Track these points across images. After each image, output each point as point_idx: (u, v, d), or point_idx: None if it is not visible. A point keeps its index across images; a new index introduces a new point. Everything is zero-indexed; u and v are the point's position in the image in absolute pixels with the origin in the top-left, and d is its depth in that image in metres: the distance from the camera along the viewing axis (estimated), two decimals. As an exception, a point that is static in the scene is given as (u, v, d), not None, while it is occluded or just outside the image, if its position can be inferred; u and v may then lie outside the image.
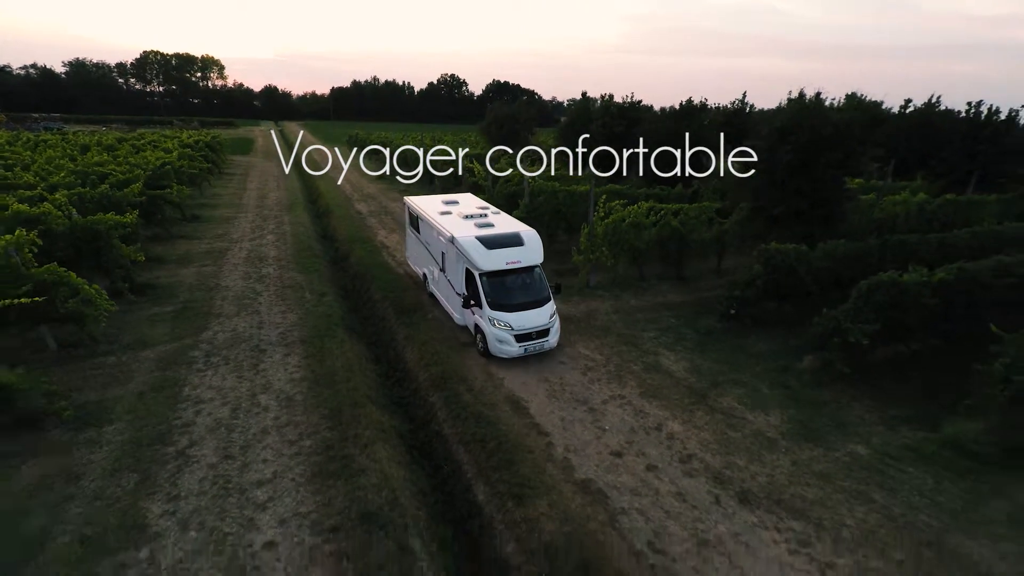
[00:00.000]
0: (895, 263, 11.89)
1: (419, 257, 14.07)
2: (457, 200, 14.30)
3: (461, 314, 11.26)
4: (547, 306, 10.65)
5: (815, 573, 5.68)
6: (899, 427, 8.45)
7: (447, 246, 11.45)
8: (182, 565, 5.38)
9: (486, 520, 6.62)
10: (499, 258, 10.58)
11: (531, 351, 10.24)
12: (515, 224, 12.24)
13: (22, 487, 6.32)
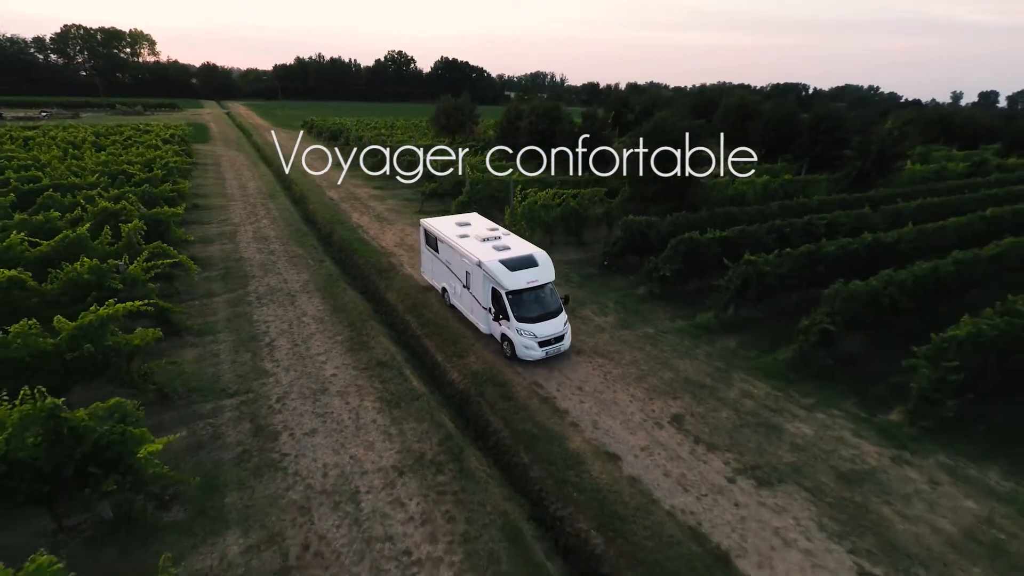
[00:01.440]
0: (722, 227, 18.37)
1: (437, 273, 15.66)
2: (469, 222, 15.96)
3: (487, 325, 13.24)
4: (561, 315, 12.77)
5: (604, 376, 11.93)
6: (676, 320, 14.97)
7: (473, 268, 13.23)
8: (291, 384, 10.98)
9: (441, 366, 12.53)
10: (521, 278, 12.58)
11: (550, 354, 12.35)
12: (526, 246, 14.12)
13: (191, 360, 11.59)
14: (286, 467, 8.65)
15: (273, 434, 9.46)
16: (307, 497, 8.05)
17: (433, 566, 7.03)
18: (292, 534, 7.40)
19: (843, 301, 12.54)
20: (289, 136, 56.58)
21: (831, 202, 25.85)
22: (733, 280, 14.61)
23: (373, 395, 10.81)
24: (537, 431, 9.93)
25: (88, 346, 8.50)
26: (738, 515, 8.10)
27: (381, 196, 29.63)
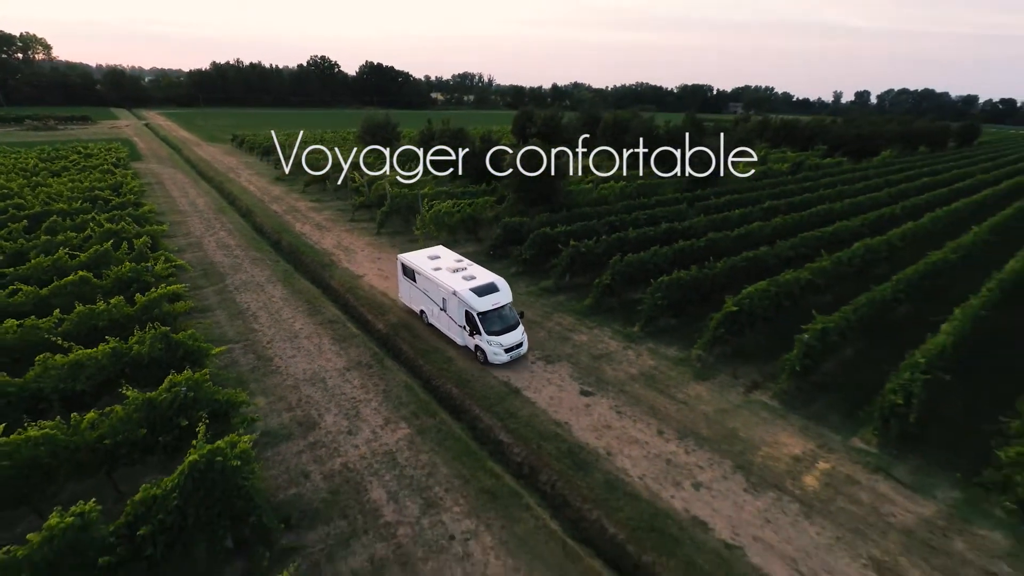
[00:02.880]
0: (570, 223, 26.34)
1: (415, 298, 18.80)
2: (438, 255, 19.29)
3: (463, 339, 16.58)
4: (519, 328, 16.38)
5: (473, 319, 19.26)
6: (530, 287, 22.59)
7: (448, 295, 16.51)
8: (274, 335, 17.41)
9: (371, 321, 19.36)
10: (488, 302, 16.03)
11: (513, 357, 15.95)
12: (488, 274, 17.63)
13: (207, 325, 17.58)
14: (281, 371, 15.26)
15: (269, 358, 15.97)
16: (296, 382, 14.75)
17: (367, 403, 14.02)
18: (291, 396, 14.10)
19: (621, 267, 20.75)
20: (224, 152, 59.73)
21: (665, 200, 35.03)
22: (564, 259, 22.56)
23: (328, 336, 17.53)
24: (428, 348, 17.09)
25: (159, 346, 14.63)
26: (531, 374, 15.68)
27: (318, 208, 35.48)
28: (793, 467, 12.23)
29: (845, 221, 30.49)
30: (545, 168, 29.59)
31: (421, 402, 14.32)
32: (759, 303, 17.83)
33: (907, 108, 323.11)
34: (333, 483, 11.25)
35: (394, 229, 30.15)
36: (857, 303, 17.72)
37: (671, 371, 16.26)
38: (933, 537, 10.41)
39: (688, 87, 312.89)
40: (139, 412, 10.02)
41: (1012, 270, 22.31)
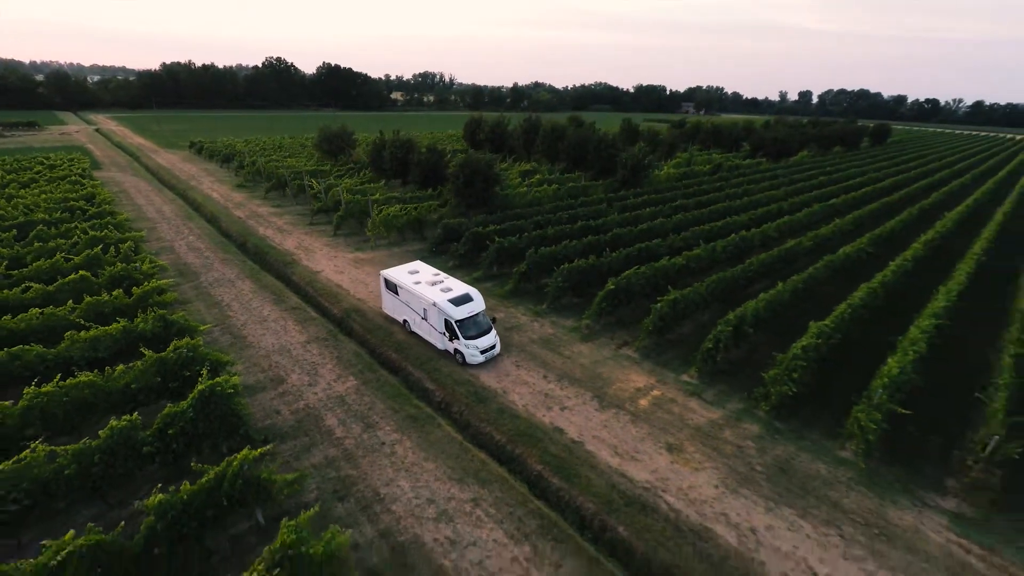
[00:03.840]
0: (512, 222, 31.01)
1: (398, 309, 20.83)
2: (417, 269, 21.16)
3: (443, 344, 18.66)
4: (492, 332, 18.73)
5: (413, 303, 23.66)
6: (465, 278, 27.16)
7: (429, 306, 18.58)
8: (246, 320, 21.32)
9: (328, 308, 23.47)
10: (464, 310, 18.16)
11: (488, 357, 18.30)
12: (462, 285, 19.63)
13: (188, 313, 21.26)
14: (254, 345, 19.27)
15: (243, 336, 19.93)
16: (267, 352, 18.81)
17: (323, 365, 18.25)
18: (263, 362, 18.18)
19: (536, 258, 25.55)
20: (183, 159, 61.52)
21: (589, 201, 40.17)
22: (491, 252, 27.21)
23: (291, 319, 21.59)
24: (374, 326, 21.38)
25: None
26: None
27: (279, 213, 38.91)
28: (634, 395, 17.24)
29: (735, 216, 36.45)
30: (482, 174, 34.20)
31: (366, 363, 18.66)
32: (636, 283, 22.99)
33: (845, 107, 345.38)
34: (298, 417, 15.50)
35: (349, 231, 34.10)
36: (709, 280, 23.13)
37: (564, 336, 21.13)
38: (712, 430, 15.57)
39: (643, 87, 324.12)
40: (154, 367, 14.01)
41: (844, 254, 28.40)
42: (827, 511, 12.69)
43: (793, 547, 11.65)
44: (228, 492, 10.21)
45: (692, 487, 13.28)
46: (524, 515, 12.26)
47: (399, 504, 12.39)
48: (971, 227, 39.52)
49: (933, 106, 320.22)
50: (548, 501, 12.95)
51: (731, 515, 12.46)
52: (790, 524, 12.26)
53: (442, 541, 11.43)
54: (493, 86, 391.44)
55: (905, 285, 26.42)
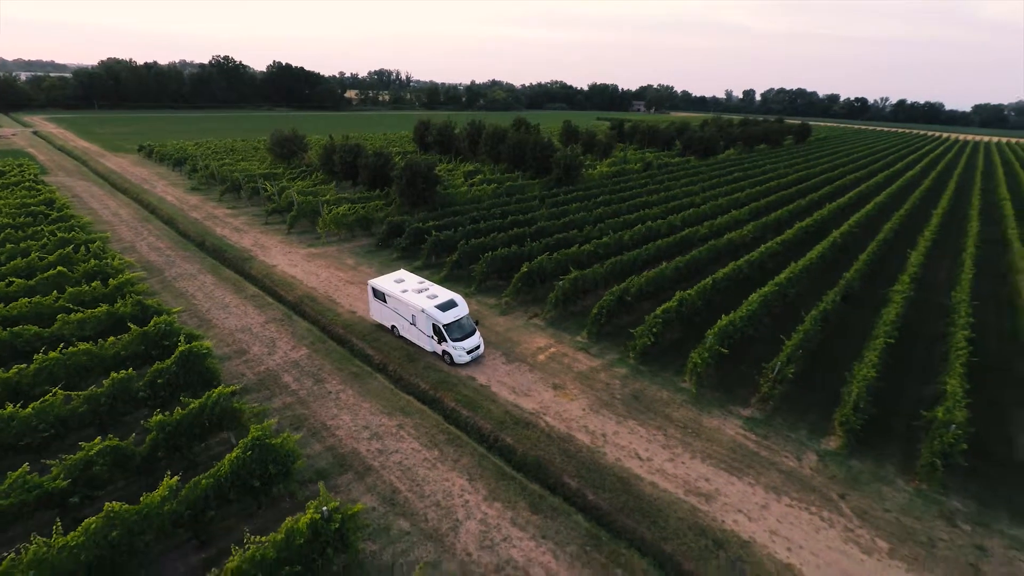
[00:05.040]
0: (451, 218, 35.05)
1: (386, 316, 22.19)
2: (402, 278, 22.56)
3: (431, 347, 20.27)
4: (477, 334, 20.40)
5: (355, 279, 27.43)
6: (407, 265, 31.12)
7: (417, 312, 20.07)
8: (209, 307, 24.58)
9: (284, 296, 26.96)
10: (450, 315, 19.78)
11: (474, 357, 19.99)
12: (447, 292, 21.24)
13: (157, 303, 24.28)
14: (219, 326, 22.67)
15: (209, 320, 23.26)
16: (231, 331, 22.27)
17: (280, 338, 21.90)
18: (228, 339, 21.65)
19: (467, 248, 29.78)
20: (133, 163, 62.15)
21: (525, 198, 44.69)
22: (429, 244, 31.27)
23: (251, 305, 25.02)
24: (325, 308, 25.07)
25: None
26: (392, 318, 24.23)
27: (234, 214, 41.53)
28: (535, 352, 21.77)
29: (649, 209, 41.85)
30: (423, 176, 38.12)
31: (317, 336, 22.45)
32: (548, 266, 27.62)
33: (784, 105, 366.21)
34: (260, 377, 19.19)
35: (302, 229, 37.32)
36: (608, 262, 28.02)
37: (486, 311, 25.48)
38: (591, 374, 20.28)
39: (596, 86, 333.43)
40: (138, 338, 17.42)
41: (727, 239, 34.01)
42: (660, 421, 17.57)
43: (628, 442, 16.41)
44: (209, 416, 13.98)
45: (566, 411, 17.89)
46: (437, 433, 16.53)
47: (341, 430, 16.41)
48: (848, 215, 46.45)
49: (862, 104, 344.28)
50: (457, 425, 17.25)
51: (590, 427, 17.12)
52: (631, 430, 17.04)
53: (373, 451, 15.55)
54: (451, 83, 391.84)
55: (771, 262, 32.23)
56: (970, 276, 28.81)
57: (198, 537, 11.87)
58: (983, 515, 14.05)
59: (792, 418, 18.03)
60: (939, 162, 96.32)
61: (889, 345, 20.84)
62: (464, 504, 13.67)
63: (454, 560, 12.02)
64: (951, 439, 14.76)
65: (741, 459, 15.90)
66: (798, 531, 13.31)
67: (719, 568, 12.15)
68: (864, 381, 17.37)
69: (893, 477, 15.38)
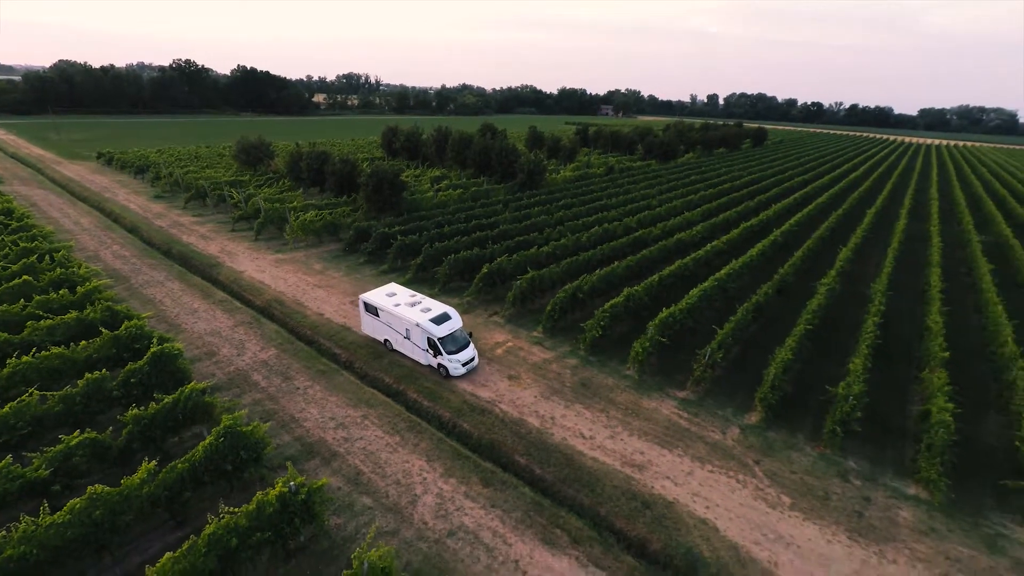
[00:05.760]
0: (417, 223, 36.32)
1: (378, 330, 22.18)
2: (394, 292, 22.69)
3: (427, 360, 20.50)
4: (471, 346, 20.57)
5: (332, 288, 28.47)
6: (374, 271, 32.27)
7: (412, 326, 20.20)
8: (178, 312, 25.28)
9: (252, 300, 27.82)
10: (445, 328, 20.03)
11: (468, 369, 20.27)
12: (440, 305, 21.46)
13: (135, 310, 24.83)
14: (188, 330, 23.45)
15: (178, 324, 24.00)
16: (200, 334, 23.09)
17: (249, 340, 22.87)
18: (198, 342, 22.49)
19: (432, 251, 31.18)
20: (91, 171, 61.02)
21: (489, 203, 46.32)
22: (394, 249, 32.54)
23: (219, 310, 25.82)
24: (292, 311, 26.08)
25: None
26: (358, 318, 25.43)
27: (200, 222, 41.78)
28: (494, 347, 23.35)
29: (607, 212, 44.06)
30: (389, 182, 39.33)
31: (285, 338, 23.50)
32: (507, 267, 29.29)
33: (746, 109, 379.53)
34: (230, 376, 20.18)
35: (270, 235, 38.00)
36: (564, 262, 29.89)
37: (449, 310, 26.93)
38: (544, 365, 21.98)
39: (566, 91, 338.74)
40: (110, 341, 18.23)
41: (677, 239, 36.41)
42: (604, 404, 19.40)
43: (574, 424, 18.15)
44: (182, 410, 15.05)
45: (519, 399, 19.53)
46: (399, 422, 17.93)
47: (309, 422, 17.64)
48: (792, 214, 49.78)
49: (818, 109, 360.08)
50: (418, 414, 18.68)
51: (540, 411, 18.81)
52: (577, 413, 18.80)
53: (339, 439, 16.85)
54: (421, 87, 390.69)
55: (717, 259, 34.73)
56: (889, 270, 31.85)
57: (174, 517, 12.98)
58: (872, 472, 16.34)
59: (722, 398, 20.14)
60: (882, 164, 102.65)
61: (810, 332, 23.28)
62: (422, 481, 15.14)
63: (412, 528, 13.48)
64: (848, 409, 17.06)
65: (673, 434, 17.84)
66: (716, 492, 15.28)
67: (644, 524, 13.97)
68: (782, 363, 19.62)
69: (802, 444, 17.58)
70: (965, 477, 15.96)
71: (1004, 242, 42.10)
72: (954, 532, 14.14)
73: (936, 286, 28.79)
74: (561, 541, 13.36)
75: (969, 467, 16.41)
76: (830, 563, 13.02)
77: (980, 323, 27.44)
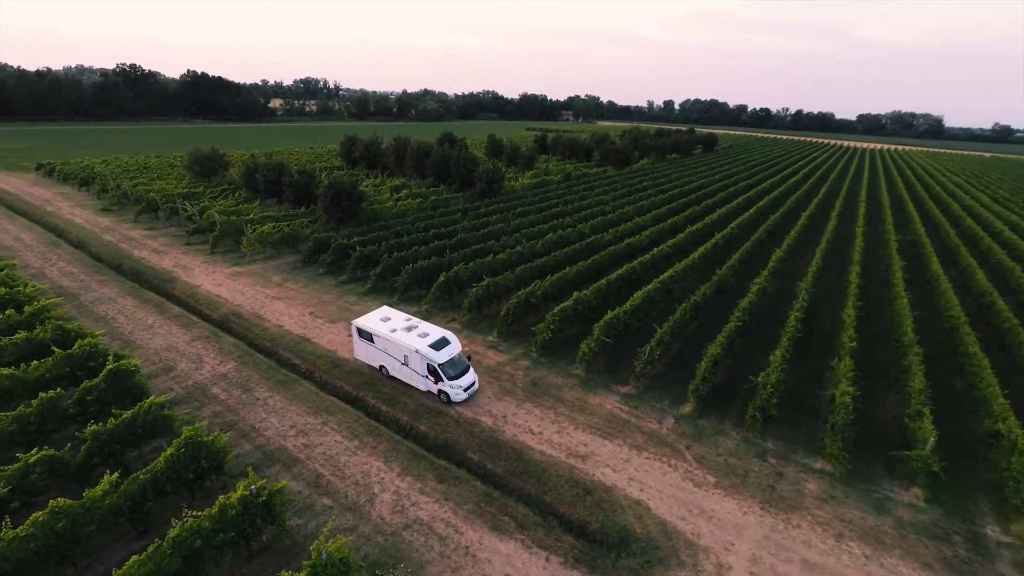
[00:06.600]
0: (376, 233, 36.96)
1: (373, 356, 21.52)
2: (388, 316, 22.02)
3: (425, 386, 20.09)
4: (471, 371, 20.29)
5: (290, 299, 28.88)
6: (334, 281, 32.79)
7: (411, 352, 19.68)
8: (133, 328, 25.23)
9: (209, 313, 27.94)
10: (445, 354, 19.66)
11: (470, 394, 20.05)
12: (438, 329, 21.04)
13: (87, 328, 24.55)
14: (144, 346, 23.51)
15: (132, 341, 23.99)
16: (157, 350, 23.21)
17: (207, 354, 23.17)
18: (155, 357, 22.62)
19: (390, 261, 32.00)
20: (30, 183, 58.36)
21: (449, 212, 47.38)
22: (354, 259, 33.18)
23: (175, 325, 25.89)
24: (252, 324, 26.42)
25: (43, 315, 21.98)
26: (318, 330, 26.00)
27: (152, 236, 41.04)
28: (451, 352, 24.46)
29: (561, 219, 45.87)
30: (347, 193, 39.85)
31: (244, 351, 23.90)
32: (464, 275, 30.49)
33: (700, 114, 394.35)
34: (188, 391, 20.53)
35: (226, 248, 37.84)
36: (519, 269, 31.31)
37: (408, 318, 27.88)
38: (497, 367, 23.26)
39: (527, 96, 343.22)
40: (63, 360, 18.34)
41: (627, 244, 38.50)
42: (552, 402, 20.85)
43: (525, 421, 19.51)
44: (141, 424, 15.51)
45: (473, 400, 20.74)
46: (358, 427, 18.83)
47: (270, 431, 18.31)
48: (734, 218, 53.05)
49: (767, 114, 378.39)
50: (377, 418, 19.61)
51: (493, 411, 20.08)
52: (527, 411, 20.17)
53: (299, 446, 17.62)
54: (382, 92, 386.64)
55: (664, 263, 37.01)
56: (816, 269, 34.87)
57: (137, 527, 13.52)
58: (787, 451, 18.42)
59: (660, 392, 21.97)
60: (820, 168, 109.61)
61: (740, 328, 25.53)
62: (380, 481, 16.14)
63: (369, 524, 14.47)
64: (766, 396, 19.13)
65: (614, 427, 19.47)
66: (650, 476, 16.94)
67: (585, 508, 15.44)
68: (712, 358, 21.62)
69: (729, 430, 19.54)
70: (863, 451, 18.26)
71: (918, 241, 46.47)
72: (850, 498, 16.28)
73: (855, 283, 31.82)
74: (508, 527, 14.65)
75: (867, 442, 18.74)
76: (743, 531, 14.84)
77: (890, 315, 30.55)
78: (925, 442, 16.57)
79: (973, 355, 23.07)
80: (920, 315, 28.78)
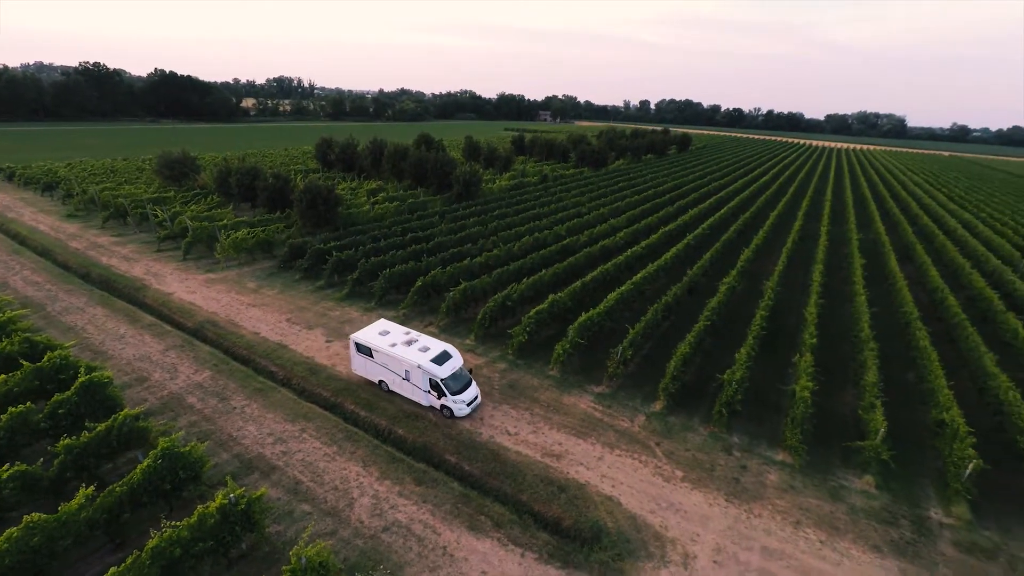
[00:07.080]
0: (353, 237, 36.88)
1: (372, 371, 21.09)
2: (388, 330, 21.58)
3: (427, 401, 19.77)
4: (474, 385, 20.01)
5: (266, 307, 28.76)
6: (310, 287, 32.74)
7: (412, 367, 19.29)
8: (104, 338, 24.84)
9: (182, 322, 27.66)
10: (447, 368, 19.33)
11: (473, 408, 19.67)
12: (439, 343, 20.67)
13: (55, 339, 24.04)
14: (116, 356, 23.21)
15: (104, 351, 23.65)
16: (129, 360, 22.95)
17: (181, 364, 23.02)
18: (127, 368, 22.38)
19: (368, 266, 32.10)
20: (-12, 188, 56.30)
21: (426, 215, 47.53)
22: (331, 264, 33.18)
23: (148, 334, 25.60)
24: (227, 332, 26.28)
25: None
26: (296, 336, 26.02)
27: (121, 242, 40.18)
28: (428, 356, 24.81)
29: (537, 222, 46.49)
30: (323, 198, 39.71)
31: (220, 359, 23.81)
32: (441, 279, 30.83)
33: (675, 114, 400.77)
34: (163, 401, 20.42)
35: (199, 255, 37.34)
36: (495, 273, 31.79)
37: (386, 323, 28.10)
38: (475, 370, 23.65)
39: (505, 96, 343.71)
40: (32, 373, 18.10)
41: (601, 246, 39.33)
42: (528, 403, 21.42)
43: (501, 422, 20.03)
44: (116, 437, 15.50)
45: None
46: (336, 432, 19.07)
47: (248, 439, 18.41)
48: (706, 218, 54.53)
49: (739, 114, 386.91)
50: (355, 424, 19.87)
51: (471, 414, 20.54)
52: (504, 412, 20.69)
53: (277, 453, 17.78)
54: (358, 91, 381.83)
55: (638, 264, 37.97)
56: (782, 267, 36.29)
57: (113, 539, 13.57)
58: (751, 444, 19.38)
59: (633, 391, 22.76)
60: (789, 168, 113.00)
61: (709, 327, 26.53)
62: (359, 486, 16.45)
63: (349, 528, 14.79)
64: (731, 393, 20.05)
65: (588, 425, 20.15)
66: (622, 472, 17.65)
67: (559, 505, 16.05)
68: (681, 356, 22.49)
69: (697, 426, 20.42)
70: (821, 442, 19.34)
71: (878, 239, 48.61)
72: (808, 488, 17.28)
73: (817, 281, 33.24)
74: (485, 526, 15.15)
75: (824, 434, 19.84)
76: (708, 522, 15.66)
77: (850, 312, 32.06)
78: (876, 433, 17.67)
79: (923, 349, 24.51)
80: (877, 311, 30.30)
